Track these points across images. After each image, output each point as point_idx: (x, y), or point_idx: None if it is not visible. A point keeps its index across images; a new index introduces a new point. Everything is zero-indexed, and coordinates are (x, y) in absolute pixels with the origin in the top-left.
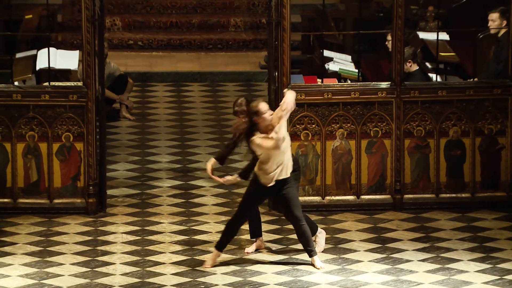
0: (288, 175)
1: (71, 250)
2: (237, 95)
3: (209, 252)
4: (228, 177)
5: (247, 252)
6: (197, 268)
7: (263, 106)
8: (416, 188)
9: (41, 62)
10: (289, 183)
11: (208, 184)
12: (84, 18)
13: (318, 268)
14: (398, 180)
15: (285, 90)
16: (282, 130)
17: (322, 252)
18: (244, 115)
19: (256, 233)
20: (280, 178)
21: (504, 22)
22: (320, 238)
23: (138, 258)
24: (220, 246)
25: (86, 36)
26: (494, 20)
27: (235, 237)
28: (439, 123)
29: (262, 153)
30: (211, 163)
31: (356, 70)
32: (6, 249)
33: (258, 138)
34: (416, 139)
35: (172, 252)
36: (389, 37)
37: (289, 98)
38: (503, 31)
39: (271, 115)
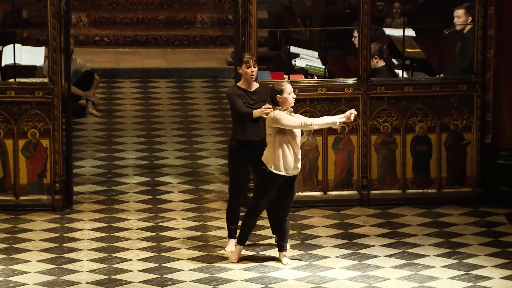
0: (295, 173)
1: (38, 247)
2: (204, 91)
3: (176, 248)
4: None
5: (226, 251)
6: (164, 265)
7: (288, 86)
8: (382, 184)
9: (7, 59)
10: (295, 182)
11: (175, 181)
12: (49, 14)
13: (284, 264)
14: (364, 176)
15: (353, 111)
16: (315, 122)
17: (289, 248)
18: (254, 63)
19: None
20: (289, 173)
21: (470, 19)
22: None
23: (105, 254)
24: (241, 240)
25: (52, 33)
26: (460, 16)
27: (202, 233)
28: (406, 119)
29: (273, 132)
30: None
31: (323, 66)
32: None
33: (279, 112)
34: (383, 135)
35: (139, 249)
36: (355, 34)
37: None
38: (468, 27)
39: (294, 98)
